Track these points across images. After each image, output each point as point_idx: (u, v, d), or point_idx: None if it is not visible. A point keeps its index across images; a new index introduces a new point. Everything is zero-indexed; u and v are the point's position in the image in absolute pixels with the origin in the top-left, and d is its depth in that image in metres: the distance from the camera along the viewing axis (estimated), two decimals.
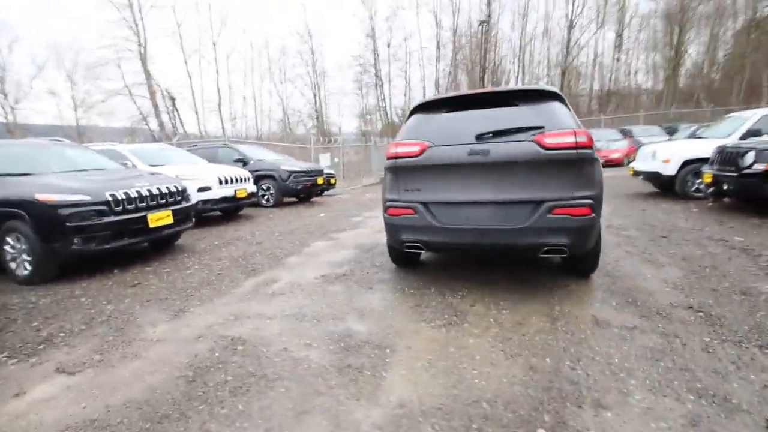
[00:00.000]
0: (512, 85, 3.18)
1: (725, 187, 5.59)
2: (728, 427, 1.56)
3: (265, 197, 9.26)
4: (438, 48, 27.84)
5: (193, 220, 5.24)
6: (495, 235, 2.79)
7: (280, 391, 1.96)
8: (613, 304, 2.79)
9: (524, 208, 2.73)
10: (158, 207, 4.55)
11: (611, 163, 16.52)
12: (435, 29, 27.34)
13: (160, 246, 5.28)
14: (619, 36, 29.47)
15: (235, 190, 7.21)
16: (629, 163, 11.45)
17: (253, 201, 7.90)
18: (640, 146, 10.01)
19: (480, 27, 22.55)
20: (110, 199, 4.03)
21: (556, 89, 3.02)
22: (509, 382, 1.94)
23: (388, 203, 3.15)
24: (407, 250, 3.14)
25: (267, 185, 9.19)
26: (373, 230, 5.92)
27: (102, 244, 3.95)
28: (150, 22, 31.27)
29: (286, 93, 38.61)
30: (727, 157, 5.73)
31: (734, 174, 5.38)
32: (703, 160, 6.66)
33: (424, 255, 4.08)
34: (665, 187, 7.85)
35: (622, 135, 19.86)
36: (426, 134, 3.04)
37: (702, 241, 4.28)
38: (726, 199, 6.47)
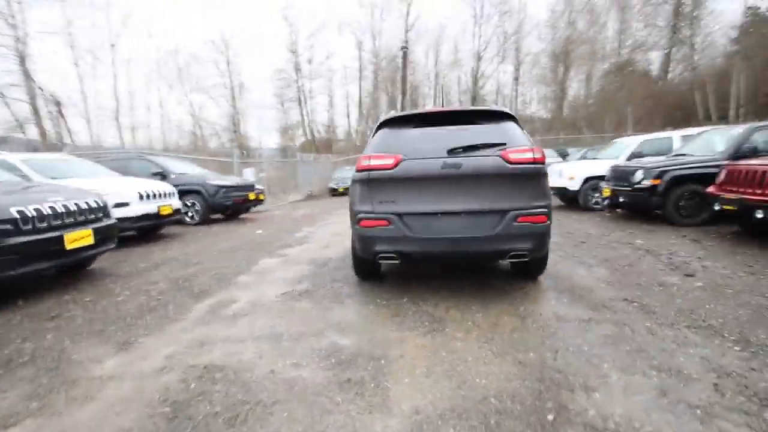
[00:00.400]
0: (469, 106, 3.50)
1: (621, 200, 6.67)
2: (689, 392, 1.87)
3: (189, 214, 8.48)
4: (360, 69, 28.70)
5: (116, 240, 4.59)
6: (467, 244, 2.97)
7: (283, 415, 1.82)
8: (565, 301, 3.14)
9: (493, 217, 2.96)
10: (76, 225, 3.91)
11: None
12: (357, 51, 28.23)
13: (70, 271, 4.51)
14: (517, 70, 33.51)
15: (159, 207, 6.49)
16: None
17: (176, 219, 7.18)
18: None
19: (401, 52, 23.95)
20: (17, 216, 3.36)
21: (510, 111, 3.37)
22: (506, 378, 2.07)
23: (361, 215, 3.15)
24: (381, 261, 3.16)
25: (192, 201, 8.44)
26: (320, 245, 5.79)
27: (6, 270, 3.25)
28: (31, 14, 27.01)
29: (198, 103, 36.08)
30: (621, 175, 6.86)
31: (628, 189, 6.46)
32: (600, 178, 7.87)
33: (384, 268, 4.12)
34: (570, 200, 9.05)
35: None
36: (398, 148, 3.14)
37: (613, 244, 5.04)
38: (619, 210, 7.70)
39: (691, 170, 5.96)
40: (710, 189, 5.28)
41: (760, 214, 4.32)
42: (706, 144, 6.68)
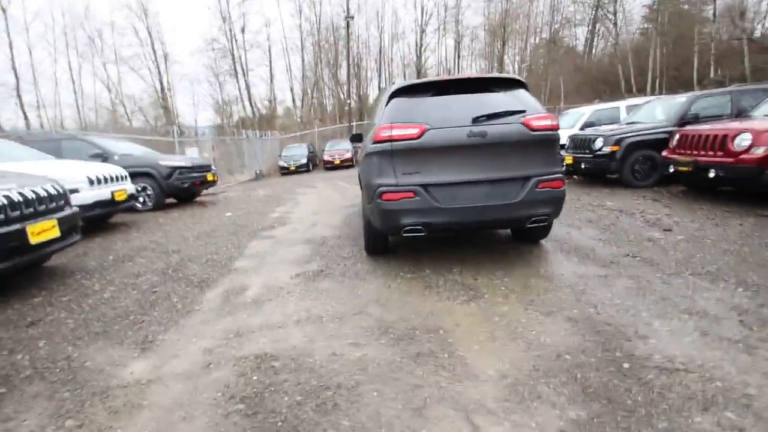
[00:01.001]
0: (481, 74, 3.45)
1: (583, 166, 7.17)
2: (723, 330, 2.11)
3: (141, 199, 7.65)
4: (302, 39, 27.20)
5: (80, 231, 4.01)
6: (493, 212, 3.01)
7: (372, 395, 1.76)
8: (576, 261, 3.35)
9: (516, 184, 3.02)
10: (38, 216, 3.34)
11: None
12: (297, 19, 26.55)
13: (24, 271, 3.89)
14: (458, 44, 33.96)
15: (112, 192, 5.76)
16: None
17: (129, 205, 6.44)
18: None
19: (346, 22, 22.94)
20: None
21: (521, 78, 3.40)
22: (566, 334, 2.18)
23: (383, 188, 3.05)
24: (406, 234, 3.10)
25: (143, 185, 7.60)
26: (306, 225, 5.56)
27: None
28: None
29: (117, 78, 32.03)
30: (580, 143, 7.34)
31: (589, 156, 6.95)
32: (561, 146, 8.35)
33: (391, 242, 4.06)
34: None
35: None
36: (418, 117, 3.04)
37: (588, 207, 5.43)
38: (575, 177, 8.29)
39: (644, 137, 6.55)
40: (665, 153, 5.86)
41: (712, 173, 4.88)
42: (652, 113, 7.35)
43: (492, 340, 2.16)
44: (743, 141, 4.58)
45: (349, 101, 26.25)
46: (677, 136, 5.68)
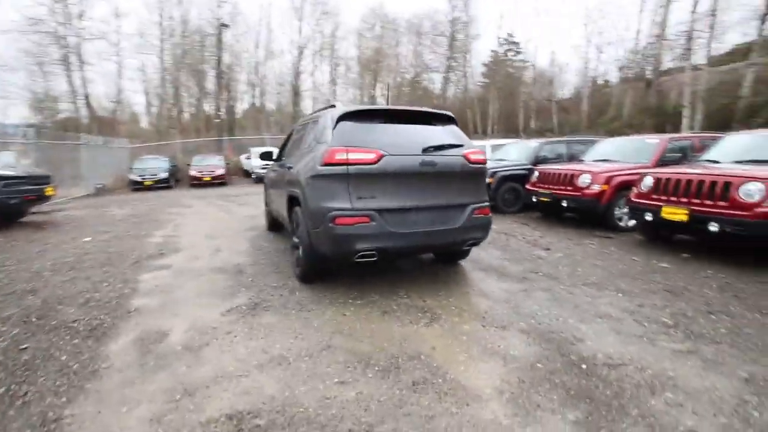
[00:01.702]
0: (416, 107, 3.53)
1: None
2: (626, 328, 2.69)
3: None
4: (161, 40, 24.05)
5: None
6: (439, 236, 3.20)
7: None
8: (495, 278, 3.79)
9: (457, 211, 3.29)
10: None
11: None
12: (158, 16, 23.43)
13: None
14: (334, 71, 35.17)
15: None
16: None
17: None
18: None
19: (218, 29, 21.18)
20: None
21: (452, 114, 3.74)
22: (526, 344, 2.44)
23: (336, 213, 2.93)
24: (358, 260, 3.02)
25: None
26: (207, 251, 4.85)
27: None
28: None
29: None
30: None
31: None
32: None
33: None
34: None
35: None
36: (371, 143, 3.06)
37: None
38: None
39: (511, 172, 7.89)
40: (528, 186, 7.17)
41: (565, 203, 6.20)
42: (510, 153, 8.94)
43: (472, 359, 2.28)
44: (585, 179, 5.98)
45: (219, 114, 24.17)
46: (537, 173, 7.03)
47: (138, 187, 16.62)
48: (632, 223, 5.97)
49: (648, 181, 4.96)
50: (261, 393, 1.94)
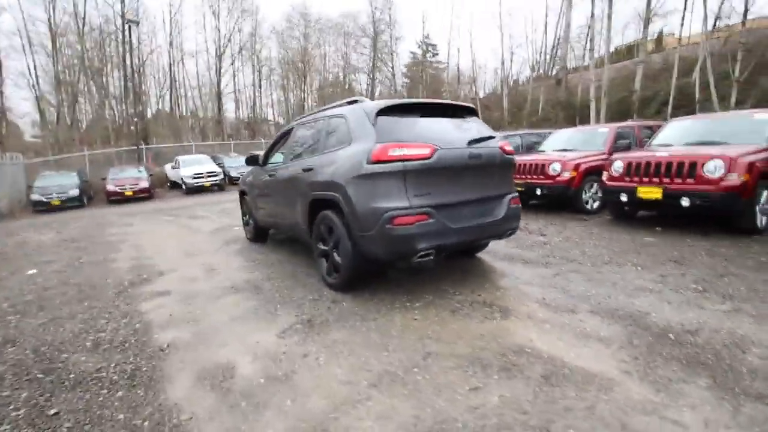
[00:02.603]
0: (452, 101, 3.36)
1: None
2: (670, 297, 2.94)
3: None
4: (53, 34, 20.59)
5: None
6: (488, 229, 3.19)
7: None
8: (521, 266, 3.90)
9: (498, 201, 3.31)
10: None
11: None
12: (47, 12, 19.96)
13: None
14: (260, 72, 33.54)
15: None
16: None
17: None
18: None
19: (126, 26, 18.71)
20: None
21: (474, 107, 3.74)
22: (608, 325, 2.53)
23: (393, 213, 2.76)
24: (418, 260, 2.88)
25: None
26: (198, 271, 4.27)
27: None
28: None
29: None
30: None
31: None
32: None
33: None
34: None
35: None
36: (418, 137, 2.94)
37: None
38: None
39: None
40: None
41: (539, 191, 6.63)
42: None
43: (573, 345, 2.30)
44: (556, 167, 6.46)
45: (134, 120, 21.50)
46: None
47: (43, 208, 14.17)
48: (597, 205, 6.61)
49: (618, 165, 5.49)
50: (402, 415, 1.75)
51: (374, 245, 2.89)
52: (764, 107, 15.32)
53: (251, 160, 5.03)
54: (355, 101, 3.58)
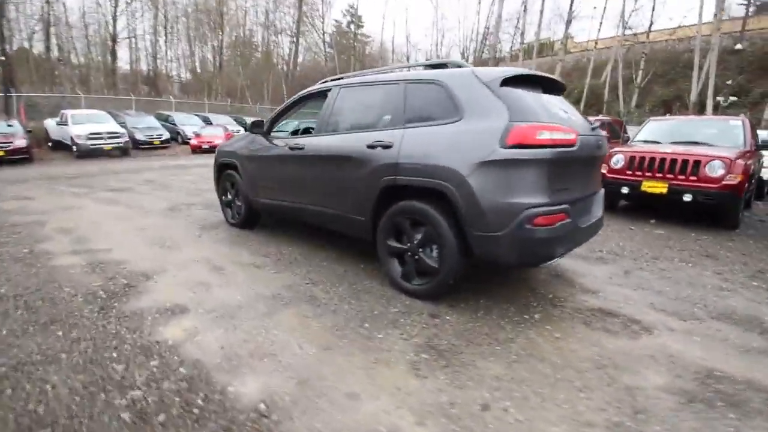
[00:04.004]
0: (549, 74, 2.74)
1: None
2: (743, 289, 2.99)
3: None
4: None
5: None
6: (595, 229, 2.86)
7: None
8: (583, 264, 3.72)
9: (598, 198, 2.99)
10: None
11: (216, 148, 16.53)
12: None
13: None
14: (164, 28, 28.50)
15: None
16: None
17: None
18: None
19: None
20: None
21: None
22: (731, 324, 2.43)
23: (534, 211, 2.24)
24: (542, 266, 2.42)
25: None
26: (198, 271, 3.20)
27: None
28: None
29: None
30: None
31: None
32: None
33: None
34: None
35: (204, 122, 20.21)
36: (554, 118, 2.42)
37: None
38: None
39: None
40: None
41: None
42: None
43: (754, 364, 2.10)
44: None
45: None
46: None
47: None
48: None
49: (618, 159, 5.66)
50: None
51: (502, 248, 2.34)
52: (657, 113, 17.98)
53: (256, 126, 3.95)
54: (444, 65, 2.89)
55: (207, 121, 20.57)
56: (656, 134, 6.33)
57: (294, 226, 4.52)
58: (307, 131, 4.38)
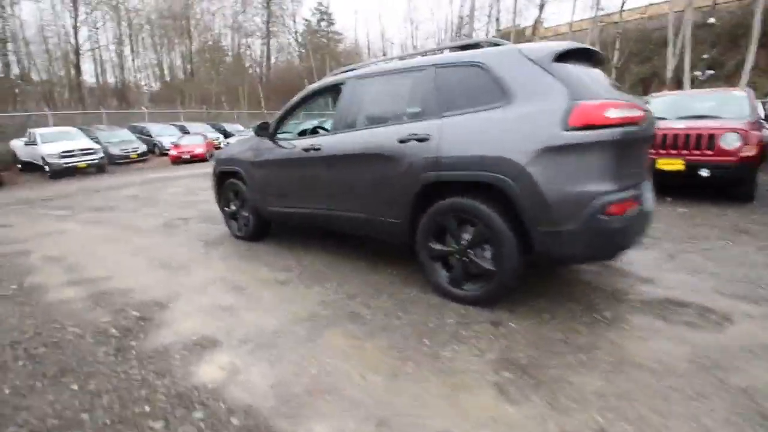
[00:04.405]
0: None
1: None
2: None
3: None
4: None
5: None
6: (650, 218, 2.65)
7: None
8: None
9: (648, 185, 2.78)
10: None
11: (197, 158, 15.89)
12: None
13: None
14: (129, 27, 27.31)
15: None
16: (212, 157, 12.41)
17: None
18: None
19: None
20: None
21: None
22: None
23: (607, 198, 2.01)
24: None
25: None
26: (218, 293, 2.86)
27: None
28: None
29: None
30: None
31: None
32: None
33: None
34: None
35: (181, 132, 19.46)
36: (616, 94, 2.20)
37: None
38: None
39: None
40: None
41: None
42: None
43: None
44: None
45: None
46: None
47: None
48: None
49: None
50: None
51: (571, 243, 2.11)
52: (636, 91, 18.20)
53: (262, 129, 3.61)
54: (477, 44, 2.63)
55: (184, 130, 19.79)
56: (661, 110, 6.20)
57: (305, 235, 4.20)
58: (315, 131, 4.07)
